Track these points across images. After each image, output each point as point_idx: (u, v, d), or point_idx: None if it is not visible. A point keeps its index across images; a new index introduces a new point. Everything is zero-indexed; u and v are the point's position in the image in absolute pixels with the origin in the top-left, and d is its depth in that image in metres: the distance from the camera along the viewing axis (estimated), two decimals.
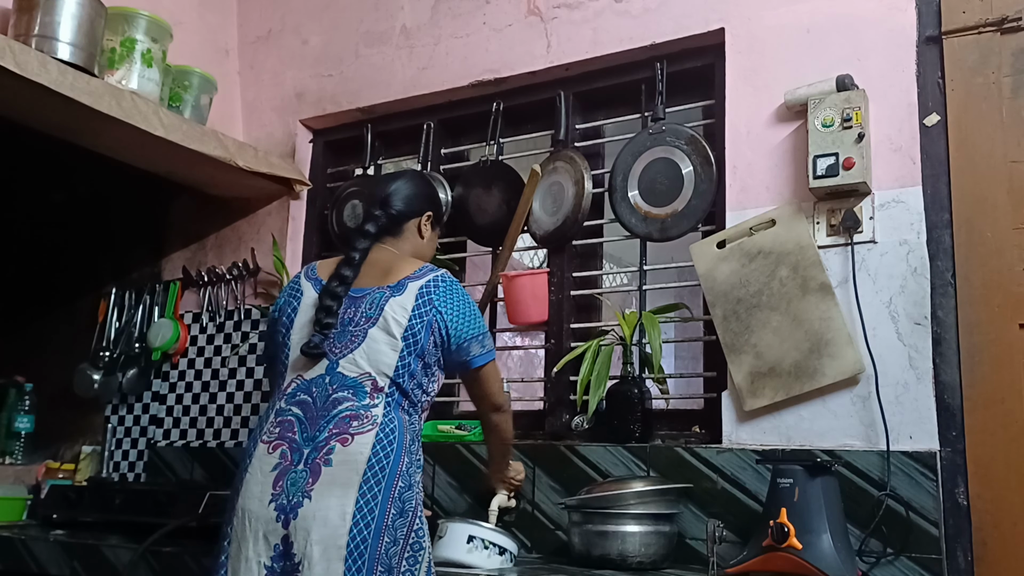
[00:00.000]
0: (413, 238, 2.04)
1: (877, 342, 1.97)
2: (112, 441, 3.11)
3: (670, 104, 2.44)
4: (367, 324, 1.82)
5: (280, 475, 1.72)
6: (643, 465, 2.19)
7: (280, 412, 1.81)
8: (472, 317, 1.89)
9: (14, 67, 2.08)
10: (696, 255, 2.24)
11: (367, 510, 1.65)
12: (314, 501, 1.66)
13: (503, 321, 2.68)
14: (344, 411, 1.75)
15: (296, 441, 1.75)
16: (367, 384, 1.77)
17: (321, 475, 1.68)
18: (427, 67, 2.78)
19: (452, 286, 1.89)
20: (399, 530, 1.68)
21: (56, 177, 3.42)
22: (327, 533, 1.64)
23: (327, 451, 1.70)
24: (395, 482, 1.70)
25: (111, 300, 3.22)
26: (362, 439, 1.71)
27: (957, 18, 2.03)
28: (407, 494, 1.71)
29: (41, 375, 3.24)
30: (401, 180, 2.06)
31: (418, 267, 1.91)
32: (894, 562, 1.86)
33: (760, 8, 2.26)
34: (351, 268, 1.89)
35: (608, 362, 2.29)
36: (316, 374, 1.81)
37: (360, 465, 1.68)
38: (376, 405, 1.76)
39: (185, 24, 2.88)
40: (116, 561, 2.22)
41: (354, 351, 1.80)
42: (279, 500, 1.69)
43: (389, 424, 1.74)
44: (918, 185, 2.01)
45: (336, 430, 1.73)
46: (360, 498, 1.66)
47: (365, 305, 1.84)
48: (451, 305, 1.86)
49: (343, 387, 1.78)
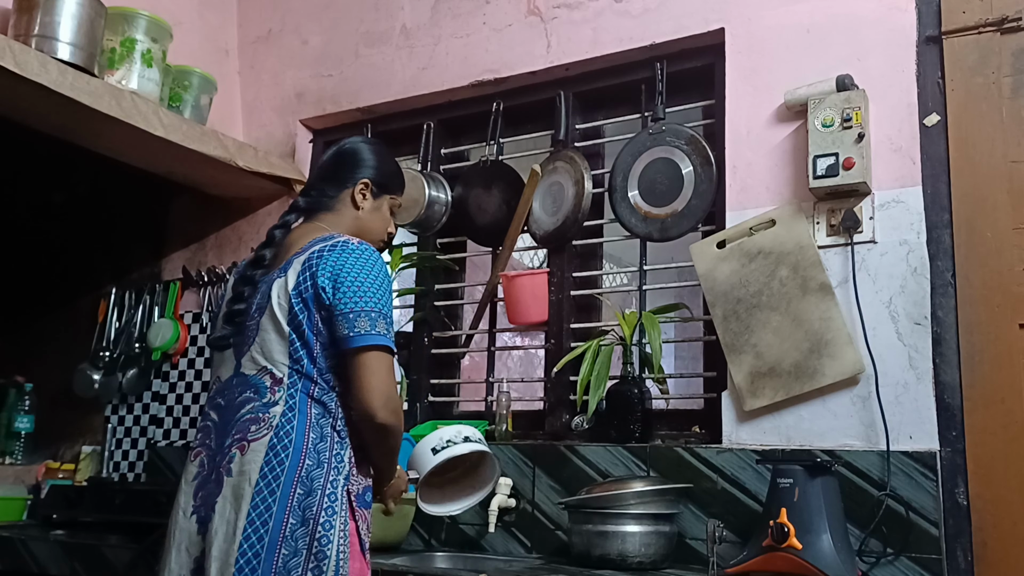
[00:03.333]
0: (348, 211, 1.83)
1: (877, 342, 1.97)
2: (112, 441, 3.11)
3: (670, 104, 2.44)
4: (258, 315, 1.68)
5: (200, 485, 1.65)
6: (643, 465, 2.19)
7: (202, 416, 1.73)
8: (362, 287, 1.64)
9: (14, 67, 2.08)
10: (696, 255, 2.24)
11: (259, 523, 1.54)
12: (216, 514, 1.58)
13: (503, 321, 2.68)
14: (246, 414, 1.64)
15: (211, 448, 1.66)
16: (266, 379, 1.65)
17: (223, 486, 1.60)
18: (427, 67, 2.78)
19: (344, 253, 1.66)
20: (299, 540, 1.55)
21: (56, 177, 3.42)
22: (224, 549, 1.55)
23: (228, 459, 1.61)
24: (292, 489, 1.57)
25: (111, 300, 3.22)
26: (256, 445, 1.60)
27: (957, 18, 2.03)
28: (307, 500, 1.57)
29: (41, 375, 3.24)
30: (332, 151, 1.91)
31: (311, 239, 1.72)
32: (894, 562, 1.86)
33: (760, 8, 2.26)
34: (270, 247, 1.75)
35: (608, 362, 2.29)
36: (228, 375, 1.71)
37: (253, 475, 1.57)
38: (276, 403, 1.62)
39: (185, 24, 2.88)
40: (116, 561, 2.22)
41: (251, 347, 1.68)
42: (199, 512, 1.62)
43: (286, 425, 1.60)
44: (918, 185, 2.01)
45: (238, 436, 1.62)
46: (252, 511, 1.55)
47: (259, 296, 1.70)
48: (336, 271, 1.64)
49: (246, 387, 1.66)
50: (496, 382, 2.62)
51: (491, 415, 2.54)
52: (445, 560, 2.29)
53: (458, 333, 2.78)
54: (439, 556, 2.30)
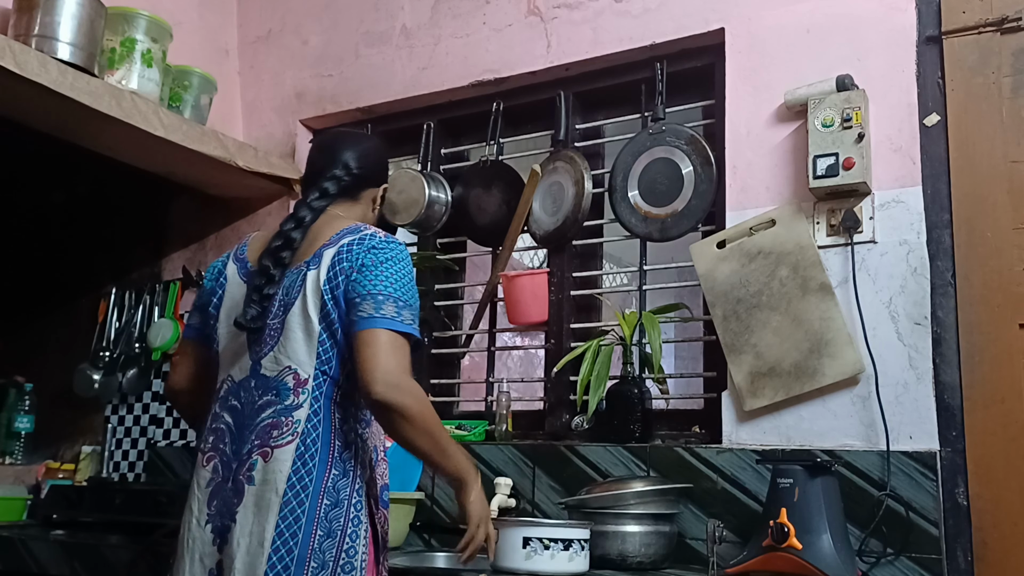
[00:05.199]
0: (366, 207, 1.82)
1: (877, 342, 1.97)
2: (112, 441, 3.11)
3: (670, 104, 2.44)
4: (283, 312, 1.61)
5: (214, 493, 1.59)
6: (643, 465, 2.19)
7: (214, 418, 1.66)
8: (375, 275, 1.58)
9: (14, 67, 2.08)
10: (696, 255, 2.24)
11: (288, 535, 1.50)
12: (239, 524, 1.53)
13: (503, 321, 2.68)
14: (266, 419, 1.57)
15: (227, 454, 1.60)
16: (289, 379, 1.58)
17: (244, 495, 1.54)
18: (427, 67, 2.78)
19: (370, 244, 1.61)
20: (327, 552, 1.51)
21: (56, 177, 3.42)
22: (248, 561, 1.50)
23: (249, 467, 1.55)
24: (319, 500, 1.52)
25: (111, 300, 3.22)
26: (281, 453, 1.54)
27: (957, 18, 2.03)
28: (334, 512, 1.53)
29: (41, 375, 3.24)
30: (369, 143, 1.86)
31: (339, 229, 1.66)
32: (894, 562, 1.87)
33: (760, 8, 2.26)
34: (299, 230, 1.65)
35: (608, 362, 2.29)
36: (243, 376, 1.64)
37: (280, 484, 1.52)
38: (300, 406, 1.56)
39: (185, 24, 2.88)
40: (116, 561, 2.22)
41: (273, 347, 1.61)
42: (215, 521, 1.57)
43: (312, 432, 1.55)
44: (918, 185, 2.01)
45: (258, 441, 1.56)
46: (280, 521, 1.50)
47: (283, 291, 1.62)
48: (362, 261, 1.58)
49: (266, 390, 1.59)
50: (496, 382, 2.62)
51: (491, 415, 2.54)
52: (445, 560, 2.29)
53: (458, 333, 2.78)
54: (439, 556, 2.30)
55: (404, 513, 2.32)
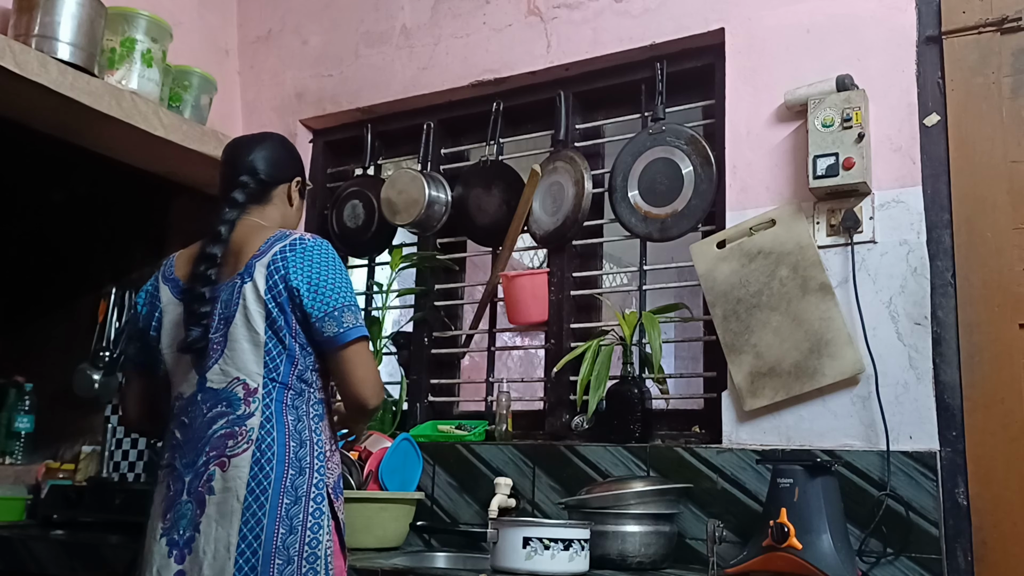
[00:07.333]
0: (282, 206, 1.87)
1: (877, 342, 1.97)
2: (112, 441, 3.11)
3: (670, 104, 2.44)
4: (224, 325, 1.67)
5: (168, 506, 1.65)
6: (643, 465, 2.19)
7: (169, 435, 1.72)
8: (336, 284, 1.68)
9: (14, 67, 2.08)
10: (696, 255, 2.24)
11: (252, 537, 1.57)
12: (203, 535, 1.59)
13: (503, 321, 2.68)
14: (219, 429, 1.64)
15: (177, 468, 1.66)
16: (239, 389, 1.65)
17: (207, 505, 1.61)
18: (427, 67, 2.78)
19: (302, 251, 1.69)
20: (291, 548, 1.60)
21: (56, 177, 3.42)
22: (217, 567, 1.57)
23: (207, 478, 1.62)
24: (279, 500, 1.60)
25: (111, 300, 3.21)
26: (238, 461, 1.61)
27: (957, 18, 2.03)
28: (294, 509, 1.61)
29: (41, 375, 3.24)
30: (268, 142, 1.88)
31: (265, 239, 1.72)
32: (894, 562, 1.87)
33: (760, 8, 2.26)
34: (218, 245, 1.71)
35: (608, 362, 2.29)
36: (191, 391, 1.69)
37: (240, 491, 1.59)
38: (252, 414, 1.63)
39: (185, 24, 2.88)
40: (116, 561, 2.22)
41: (218, 360, 1.67)
42: (170, 535, 1.63)
43: (267, 438, 1.63)
44: (918, 185, 2.01)
45: (214, 452, 1.63)
46: (243, 526, 1.58)
47: (221, 305, 1.69)
48: (303, 274, 1.66)
49: (216, 402, 1.66)
50: (496, 382, 2.62)
51: (491, 415, 2.54)
52: (445, 560, 2.29)
53: (458, 333, 2.78)
54: (439, 556, 2.30)
55: (404, 513, 2.32)
